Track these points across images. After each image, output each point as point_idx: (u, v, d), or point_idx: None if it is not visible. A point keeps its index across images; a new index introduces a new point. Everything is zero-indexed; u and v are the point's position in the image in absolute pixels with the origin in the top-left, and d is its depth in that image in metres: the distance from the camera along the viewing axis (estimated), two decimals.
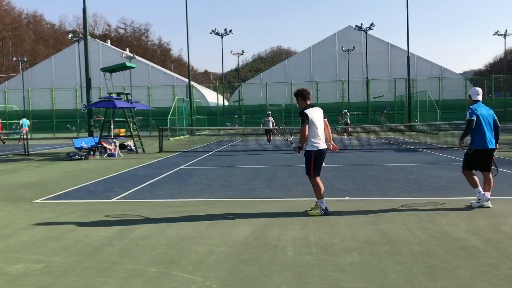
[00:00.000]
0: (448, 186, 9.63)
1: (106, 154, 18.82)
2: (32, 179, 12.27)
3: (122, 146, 20.80)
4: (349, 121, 32.04)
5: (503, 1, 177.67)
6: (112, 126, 20.21)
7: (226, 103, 60.26)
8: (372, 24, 52.89)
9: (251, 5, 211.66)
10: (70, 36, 63.54)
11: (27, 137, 21.45)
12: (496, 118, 7.52)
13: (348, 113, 32.22)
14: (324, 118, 7.23)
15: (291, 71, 64.99)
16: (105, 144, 19.07)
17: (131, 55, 59.07)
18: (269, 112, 25.00)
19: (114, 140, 19.49)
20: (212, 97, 61.71)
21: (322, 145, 7.09)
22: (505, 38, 64.79)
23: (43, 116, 45.84)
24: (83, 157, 17.60)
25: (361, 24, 53.23)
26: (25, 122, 30.35)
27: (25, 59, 72.16)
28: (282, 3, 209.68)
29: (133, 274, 4.63)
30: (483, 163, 7.45)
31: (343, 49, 59.24)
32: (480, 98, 7.57)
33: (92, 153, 18.50)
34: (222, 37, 58.20)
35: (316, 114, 7.09)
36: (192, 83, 45.75)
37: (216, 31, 57.38)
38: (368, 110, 43.34)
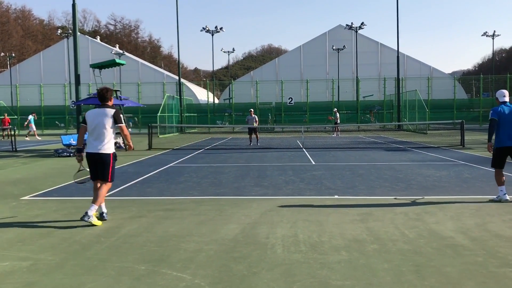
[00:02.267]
0: (436, 185, 9.71)
1: None
2: (20, 176, 12.15)
3: None
4: (338, 121, 32.35)
5: (492, 3, 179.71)
6: None
7: (216, 101, 60.16)
8: (362, 23, 53.10)
9: (242, 3, 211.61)
10: (59, 32, 63.01)
11: (14, 133, 21.18)
12: None
13: (338, 112, 32.49)
14: (118, 123, 6.57)
15: (282, 70, 65.10)
16: None
17: (121, 51, 58.77)
18: (252, 110, 23.51)
19: None
20: (202, 95, 61.54)
21: (89, 148, 6.54)
22: (493, 39, 65.48)
23: (31, 113, 45.33)
24: (71, 154, 17.46)
25: (352, 23, 53.40)
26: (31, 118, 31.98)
27: (13, 55, 71.43)
28: (273, 2, 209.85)
29: (121, 271, 4.60)
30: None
31: (333, 48, 59.46)
32: (506, 99, 7.91)
33: None
34: (213, 35, 58.07)
35: (95, 116, 6.56)
36: (182, 80, 45.56)
37: (207, 29, 57.22)
38: (358, 109, 43.54)
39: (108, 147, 6.59)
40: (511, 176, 10.02)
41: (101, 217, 6.77)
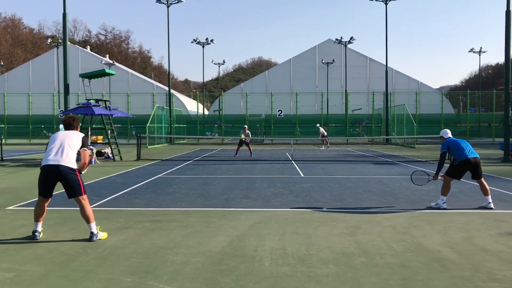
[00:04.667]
0: (424, 198, 9.78)
1: None
2: (5, 186, 12.00)
3: (99, 154, 20.53)
4: (325, 133, 32.55)
5: (479, 20, 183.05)
6: (89, 133, 19.96)
7: (206, 112, 60.19)
8: (351, 38, 53.62)
9: (233, 16, 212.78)
10: (49, 41, 62.44)
11: (1, 142, 20.95)
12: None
13: (320, 127, 32.73)
14: (81, 148, 6.45)
15: (272, 82, 65.30)
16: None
17: (111, 61, 58.61)
18: (246, 126, 24.19)
19: (91, 147, 19.22)
20: (192, 106, 61.50)
21: (45, 161, 6.26)
22: (480, 55, 66.54)
23: (19, 122, 45.01)
24: None
25: (341, 37, 53.91)
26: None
27: (2, 63, 70.88)
28: (264, 15, 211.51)
29: (107, 283, 4.55)
30: (473, 172, 8.72)
31: (323, 61, 59.91)
32: (449, 135, 9.21)
33: None
34: (203, 47, 58.26)
35: (60, 135, 6.51)
36: (172, 91, 45.53)
37: (198, 40, 57.41)
38: (346, 122, 43.82)
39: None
40: (495, 190, 10.10)
41: (33, 235, 6.34)
